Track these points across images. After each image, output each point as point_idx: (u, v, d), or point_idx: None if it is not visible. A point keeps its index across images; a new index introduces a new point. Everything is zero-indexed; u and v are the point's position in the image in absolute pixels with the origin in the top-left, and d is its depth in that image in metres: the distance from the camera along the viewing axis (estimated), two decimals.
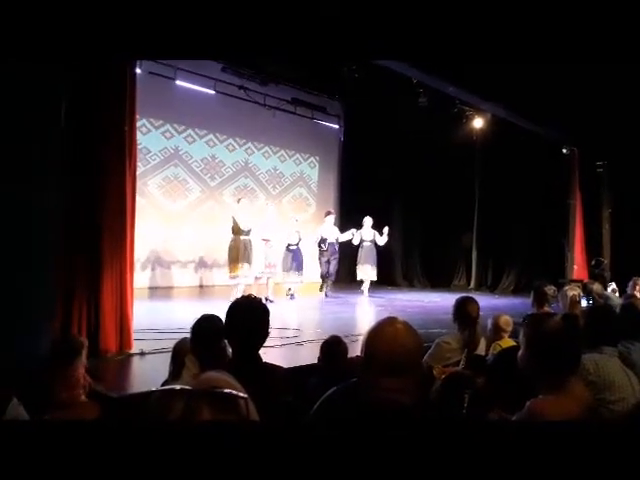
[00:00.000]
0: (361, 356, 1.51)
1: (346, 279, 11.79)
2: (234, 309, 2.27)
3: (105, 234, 4.63)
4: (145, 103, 6.44)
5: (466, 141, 10.74)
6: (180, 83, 9.34)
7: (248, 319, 2.21)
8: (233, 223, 8.12)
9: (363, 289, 10.08)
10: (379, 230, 10.07)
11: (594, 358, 2.55)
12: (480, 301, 3.66)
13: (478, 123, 10.22)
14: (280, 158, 12.10)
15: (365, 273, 10.09)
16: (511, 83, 7.40)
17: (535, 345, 1.84)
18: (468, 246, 12.30)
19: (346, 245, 10.58)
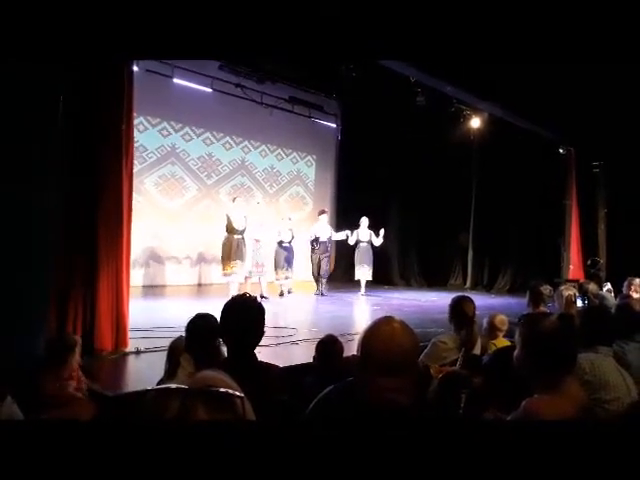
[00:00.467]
0: (357, 355, 1.51)
1: (342, 278, 11.80)
2: (229, 308, 2.26)
3: (101, 232, 4.63)
4: (142, 101, 6.42)
5: (463, 141, 10.75)
6: (177, 81, 9.33)
7: (243, 318, 2.21)
8: (227, 221, 8.13)
9: (360, 289, 10.08)
10: (376, 230, 10.08)
11: (590, 357, 2.56)
12: (476, 300, 3.67)
13: (475, 123, 10.22)
14: (277, 156, 12.10)
15: (362, 273, 10.11)
16: (508, 83, 7.42)
17: (531, 345, 1.85)
18: (464, 245, 12.33)
19: (342, 245, 10.59)
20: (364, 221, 10.17)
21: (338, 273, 12.12)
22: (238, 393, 1.05)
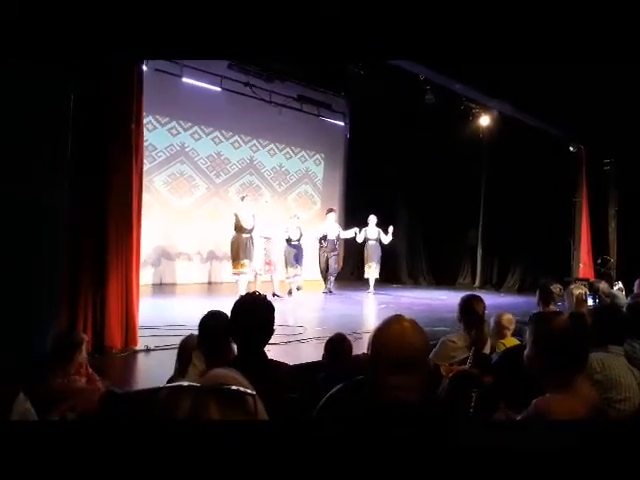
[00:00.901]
0: (368, 354, 1.51)
1: (351, 277, 11.79)
2: (239, 306, 2.28)
3: (111, 231, 4.66)
4: (152, 100, 6.45)
5: (472, 138, 10.69)
6: (186, 80, 9.35)
7: (253, 316, 2.22)
8: (235, 220, 8.14)
9: (369, 287, 10.08)
10: (384, 228, 10.07)
11: (600, 357, 2.55)
12: (485, 299, 3.64)
13: (485, 120, 10.16)
14: (285, 155, 12.10)
15: (371, 271, 10.11)
16: (518, 80, 7.37)
17: (542, 343, 1.84)
18: (473, 244, 12.27)
19: (351, 243, 10.57)
20: (372, 219, 10.16)
21: (346, 271, 12.11)
22: (250, 391, 1.06)
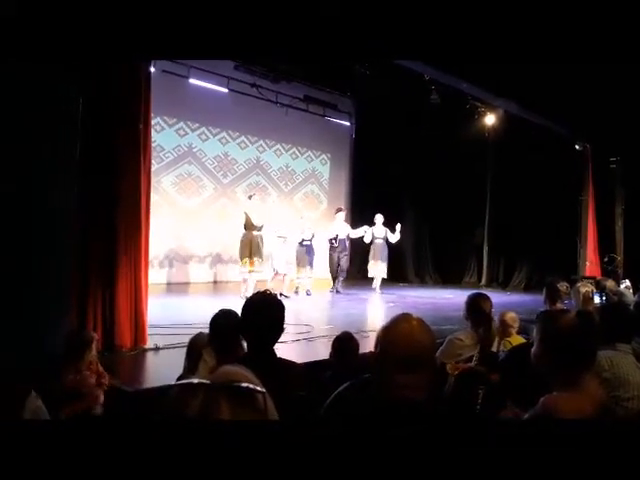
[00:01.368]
0: (375, 352, 1.52)
1: (357, 276, 11.79)
2: (250, 305, 2.30)
3: (120, 231, 4.69)
4: (159, 101, 6.48)
5: (478, 137, 10.65)
6: (193, 81, 9.37)
7: (264, 315, 2.24)
8: (245, 219, 8.15)
9: (375, 286, 10.09)
10: (390, 227, 10.07)
11: (608, 355, 2.54)
12: (492, 298, 3.64)
13: (490, 119, 10.13)
14: (292, 155, 12.12)
15: (376, 270, 10.11)
16: (524, 79, 7.36)
17: (550, 341, 1.83)
18: (479, 243, 12.25)
19: (357, 242, 10.58)
20: (379, 218, 10.16)
21: (353, 270, 12.11)
22: (260, 388, 1.06)
